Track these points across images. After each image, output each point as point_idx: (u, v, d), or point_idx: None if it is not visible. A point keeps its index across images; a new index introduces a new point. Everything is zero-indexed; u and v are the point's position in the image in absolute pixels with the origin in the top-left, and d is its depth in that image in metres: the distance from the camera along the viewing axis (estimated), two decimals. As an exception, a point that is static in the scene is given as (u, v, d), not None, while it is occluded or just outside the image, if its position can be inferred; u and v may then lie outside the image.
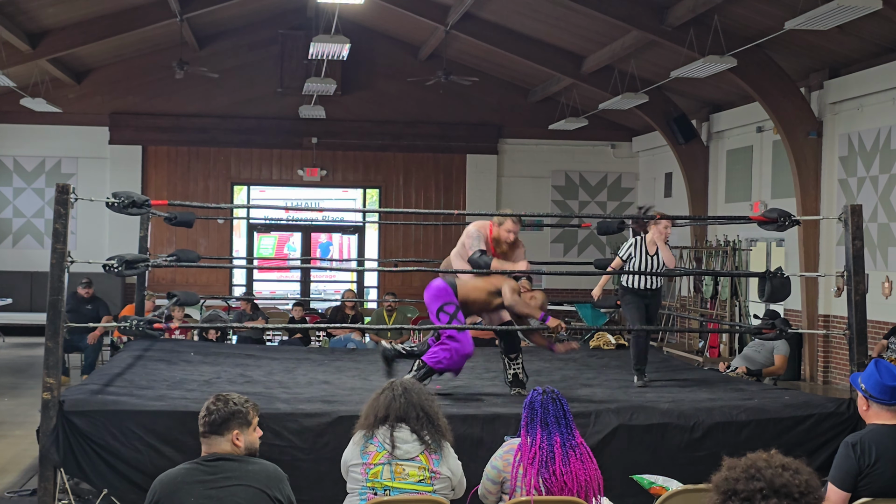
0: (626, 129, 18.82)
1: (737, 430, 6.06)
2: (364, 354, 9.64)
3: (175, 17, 14.64)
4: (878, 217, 11.84)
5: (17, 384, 11.58)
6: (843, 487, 4.17)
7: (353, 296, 14.10)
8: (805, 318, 12.81)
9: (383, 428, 4.20)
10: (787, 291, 6.64)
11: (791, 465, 2.43)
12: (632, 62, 14.05)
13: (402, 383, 4.34)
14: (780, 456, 2.48)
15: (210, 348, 9.42)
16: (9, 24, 13.15)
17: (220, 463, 3.61)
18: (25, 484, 6.76)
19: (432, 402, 4.32)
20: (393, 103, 18.38)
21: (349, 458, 4.27)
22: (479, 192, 18.60)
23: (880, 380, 4.24)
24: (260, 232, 18.94)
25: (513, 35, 15.09)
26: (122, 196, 6.03)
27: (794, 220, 6.61)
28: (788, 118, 12.65)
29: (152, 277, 16.19)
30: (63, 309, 5.73)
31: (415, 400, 4.25)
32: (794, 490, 2.36)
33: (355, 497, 4.21)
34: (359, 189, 18.89)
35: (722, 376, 8.48)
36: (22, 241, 17.58)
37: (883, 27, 10.75)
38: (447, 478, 4.25)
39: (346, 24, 14.46)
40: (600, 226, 9.13)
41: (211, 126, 17.97)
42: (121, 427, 5.57)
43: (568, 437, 4.33)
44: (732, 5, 11.26)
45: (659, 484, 5.09)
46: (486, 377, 7.80)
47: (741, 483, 2.40)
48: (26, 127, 17.26)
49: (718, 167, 16.05)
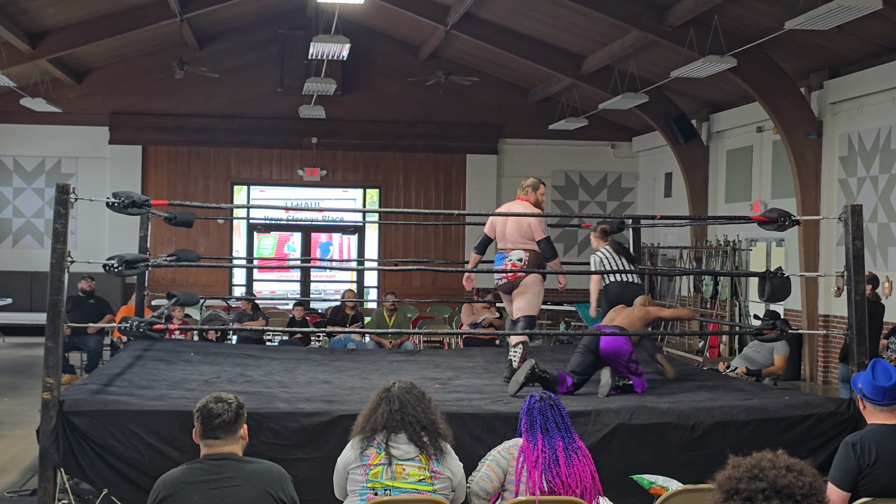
0: (626, 129, 18.82)
1: (737, 430, 6.05)
2: (364, 354, 9.64)
3: (175, 17, 14.64)
4: (878, 217, 11.84)
5: (17, 384, 11.58)
6: (842, 487, 4.17)
7: (353, 296, 14.10)
8: (805, 318, 12.81)
9: (380, 436, 4.22)
10: (787, 291, 6.64)
11: (796, 467, 2.43)
12: (632, 62, 14.05)
13: (398, 394, 4.30)
14: (786, 457, 2.47)
15: (210, 348, 9.41)
16: (9, 24, 13.15)
17: (223, 463, 3.61)
18: (25, 484, 6.77)
19: (429, 407, 4.32)
20: (393, 103, 18.38)
21: (349, 461, 4.27)
22: (479, 192, 18.60)
23: (873, 381, 4.25)
24: (260, 232, 18.94)
25: (513, 35, 15.09)
26: (122, 196, 6.03)
27: (794, 220, 6.60)
28: (788, 118, 12.65)
29: (152, 277, 16.19)
30: (63, 309, 5.73)
31: (410, 411, 4.24)
32: (797, 492, 2.36)
33: (356, 497, 4.21)
34: (359, 189, 18.90)
35: (722, 376, 8.48)
36: (22, 241, 17.59)
37: (883, 27, 10.75)
38: (448, 478, 4.25)
39: (346, 24, 14.47)
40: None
41: (211, 126, 17.97)
42: (121, 427, 5.57)
43: (569, 441, 4.35)
44: (732, 5, 11.26)
45: (659, 484, 5.09)
46: (486, 377, 7.80)
47: (744, 482, 2.40)
48: (26, 127, 17.26)
49: (718, 167, 16.05)
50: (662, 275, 16.83)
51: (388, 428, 4.22)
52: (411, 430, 4.21)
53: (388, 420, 4.23)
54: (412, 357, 9.28)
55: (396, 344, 12.11)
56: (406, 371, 8.10)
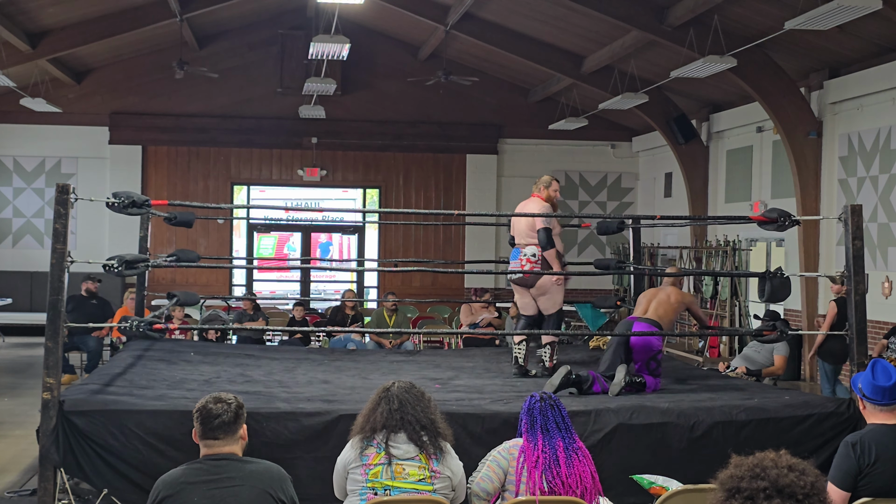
0: (626, 129, 18.82)
1: (737, 430, 6.05)
2: (364, 354, 9.64)
3: (175, 17, 14.64)
4: (878, 217, 11.84)
5: (17, 384, 11.58)
6: (842, 487, 4.17)
7: (353, 296, 14.10)
8: (805, 318, 12.81)
9: (380, 435, 4.22)
10: (787, 291, 6.63)
11: (798, 466, 2.42)
12: (632, 62, 14.05)
13: (397, 393, 4.30)
14: (789, 456, 2.47)
15: (210, 348, 9.41)
16: (9, 24, 13.15)
17: (223, 463, 3.61)
18: (25, 484, 6.77)
19: (428, 406, 4.31)
20: (393, 103, 18.38)
21: (348, 460, 4.26)
22: (479, 192, 18.61)
23: (873, 380, 4.25)
24: (260, 232, 18.94)
25: (513, 35, 15.09)
26: (122, 196, 6.02)
27: (793, 220, 6.60)
28: (788, 118, 12.65)
29: (152, 277, 16.19)
30: (63, 309, 5.72)
31: (410, 411, 4.24)
32: (799, 491, 2.35)
33: (355, 497, 4.21)
34: (359, 189, 18.90)
35: (721, 376, 8.48)
36: (22, 241, 17.59)
37: (883, 27, 10.75)
38: (447, 477, 4.24)
39: (346, 24, 14.46)
40: (600, 226, 9.14)
41: (211, 126, 17.97)
42: (121, 427, 5.56)
43: (570, 441, 4.34)
44: (732, 5, 11.26)
45: (659, 484, 5.09)
46: (486, 377, 7.80)
47: (745, 482, 2.39)
48: (26, 127, 17.26)
49: (718, 167, 16.05)
50: (662, 275, 16.79)
51: (388, 427, 4.22)
52: (411, 430, 4.21)
53: (387, 419, 4.23)
54: (412, 357, 9.28)
55: (396, 344, 12.11)
56: (406, 371, 8.10)
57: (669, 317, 7.44)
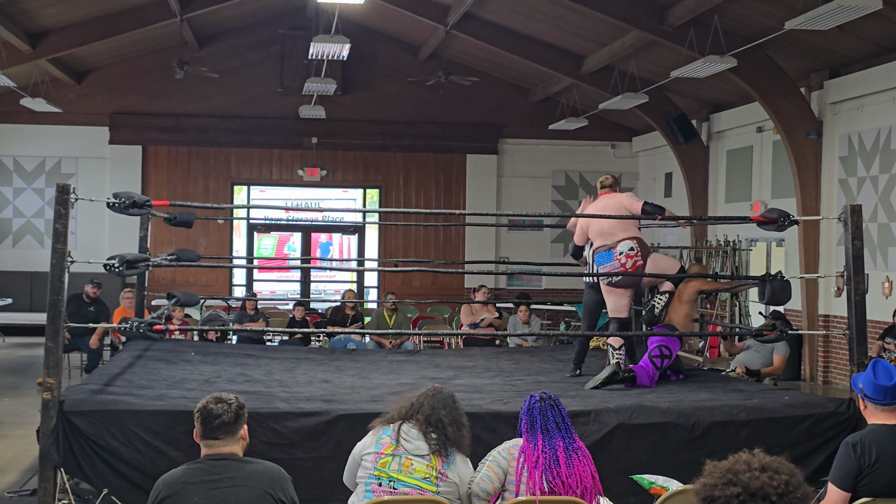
0: (626, 129, 18.82)
1: (737, 430, 6.05)
2: (364, 354, 9.64)
3: (175, 17, 14.64)
4: (878, 217, 11.84)
5: (17, 384, 11.58)
6: (843, 487, 4.17)
7: (353, 296, 14.10)
8: (805, 318, 12.81)
9: (401, 425, 4.29)
10: (787, 295, 6.63)
11: (771, 466, 2.42)
12: (632, 62, 14.05)
13: (435, 394, 4.40)
14: (763, 456, 2.47)
15: (210, 348, 9.42)
16: (9, 24, 13.15)
17: (223, 463, 3.61)
18: (25, 484, 6.77)
19: (453, 412, 4.37)
20: (393, 103, 18.38)
21: (366, 445, 4.32)
22: (479, 192, 18.61)
23: (875, 380, 4.25)
24: (260, 232, 18.94)
25: (513, 35, 15.09)
26: (122, 196, 6.02)
27: (793, 220, 6.60)
28: (788, 118, 12.65)
29: (152, 277, 16.19)
30: (63, 309, 5.72)
31: (439, 411, 4.32)
32: (772, 492, 2.36)
33: (362, 487, 4.25)
34: (359, 189, 18.89)
35: (722, 376, 8.48)
36: (22, 241, 17.59)
37: (883, 27, 10.75)
38: (454, 483, 4.26)
39: (346, 24, 14.47)
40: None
41: (211, 126, 17.97)
42: (121, 427, 5.56)
43: (570, 441, 4.35)
44: (732, 5, 11.26)
45: (659, 484, 5.09)
46: (486, 377, 7.80)
47: (718, 489, 2.40)
48: (26, 127, 17.26)
49: (718, 167, 16.05)
50: (662, 276, 16.77)
51: (410, 419, 4.29)
52: (423, 422, 4.27)
53: (414, 412, 4.31)
54: (412, 357, 9.28)
55: (396, 344, 12.11)
56: (406, 371, 8.10)
57: (681, 318, 7.54)
